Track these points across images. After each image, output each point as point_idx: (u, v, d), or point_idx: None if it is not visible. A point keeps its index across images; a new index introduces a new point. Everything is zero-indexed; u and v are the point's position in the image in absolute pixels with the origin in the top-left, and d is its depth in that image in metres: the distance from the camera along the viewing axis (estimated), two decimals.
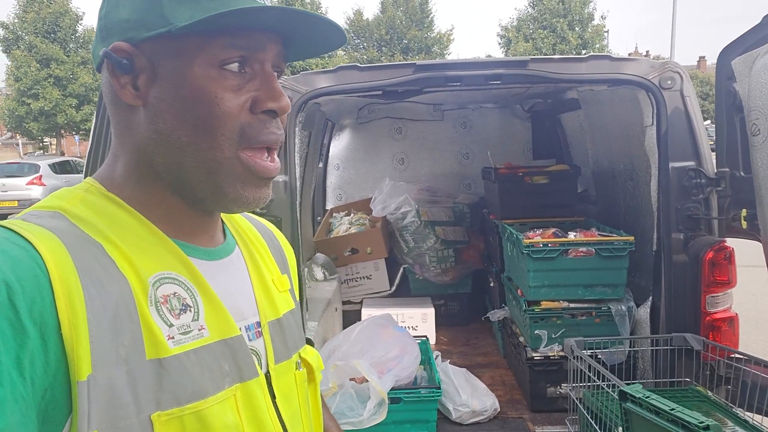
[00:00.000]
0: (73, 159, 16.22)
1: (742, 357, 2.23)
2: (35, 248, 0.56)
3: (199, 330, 0.66)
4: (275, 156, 0.72)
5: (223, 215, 0.82)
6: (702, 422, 1.24)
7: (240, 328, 0.72)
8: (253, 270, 0.80)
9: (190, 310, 0.66)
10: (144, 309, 0.62)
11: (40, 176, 13.29)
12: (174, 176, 0.69)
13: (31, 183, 13.14)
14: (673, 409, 1.28)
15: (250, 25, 0.66)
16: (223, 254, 0.77)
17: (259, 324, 0.77)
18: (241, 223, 0.87)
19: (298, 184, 2.59)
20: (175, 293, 0.66)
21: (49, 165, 13.90)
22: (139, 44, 0.66)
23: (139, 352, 0.60)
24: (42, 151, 32.04)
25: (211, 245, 0.76)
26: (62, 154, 28.77)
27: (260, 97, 0.68)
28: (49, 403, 0.54)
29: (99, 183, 0.71)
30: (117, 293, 0.60)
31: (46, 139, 30.29)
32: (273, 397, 0.74)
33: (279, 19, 0.67)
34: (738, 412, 2.10)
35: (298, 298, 0.92)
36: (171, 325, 0.64)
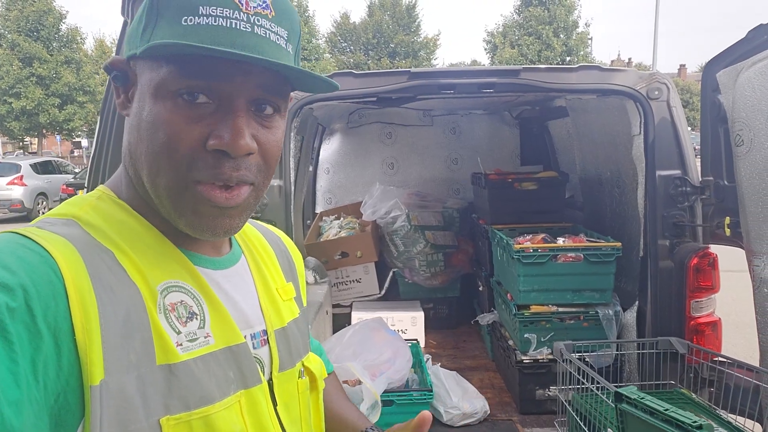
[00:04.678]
0: (56, 159, 15.99)
1: (724, 360, 2.30)
2: (50, 254, 0.58)
3: (205, 337, 0.67)
4: (236, 189, 0.67)
5: None
6: (695, 422, 1.30)
7: (245, 336, 0.73)
8: (258, 279, 0.82)
9: (197, 318, 0.68)
10: (154, 316, 0.63)
11: (21, 176, 13.09)
12: (142, 188, 0.70)
13: (11, 183, 12.94)
14: (667, 410, 1.34)
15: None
16: (228, 263, 0.78)
17: (265, 332, 0.78)
18: (248, 232, 0.88)
19: (292, 188, 2.62)
20: (182, 301, 0.67)
21: (30, 165, 13.70)
22: (130, 60, 0.69)
23: (149, 358, 0.61)
24: (22, 151, 31.51)
25: (217, 254, 0.77)
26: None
27: (213, 133, 0.64)
28: (61, 407, 0.55)
29: (110, 190, 0.73)
30: (127, 300, 0.61)
31: (27, 139, 29.81)
32: (275, 404, 0.75)
33: (232, 63, 0.63)
34: (721, 413, 2.16)
35: (305, 304, 0.93)
36: (179, 332, 0.65)
